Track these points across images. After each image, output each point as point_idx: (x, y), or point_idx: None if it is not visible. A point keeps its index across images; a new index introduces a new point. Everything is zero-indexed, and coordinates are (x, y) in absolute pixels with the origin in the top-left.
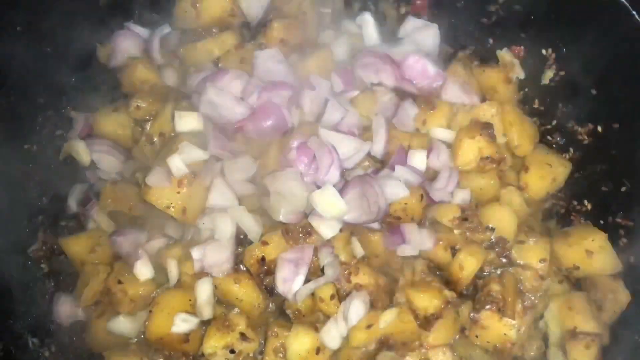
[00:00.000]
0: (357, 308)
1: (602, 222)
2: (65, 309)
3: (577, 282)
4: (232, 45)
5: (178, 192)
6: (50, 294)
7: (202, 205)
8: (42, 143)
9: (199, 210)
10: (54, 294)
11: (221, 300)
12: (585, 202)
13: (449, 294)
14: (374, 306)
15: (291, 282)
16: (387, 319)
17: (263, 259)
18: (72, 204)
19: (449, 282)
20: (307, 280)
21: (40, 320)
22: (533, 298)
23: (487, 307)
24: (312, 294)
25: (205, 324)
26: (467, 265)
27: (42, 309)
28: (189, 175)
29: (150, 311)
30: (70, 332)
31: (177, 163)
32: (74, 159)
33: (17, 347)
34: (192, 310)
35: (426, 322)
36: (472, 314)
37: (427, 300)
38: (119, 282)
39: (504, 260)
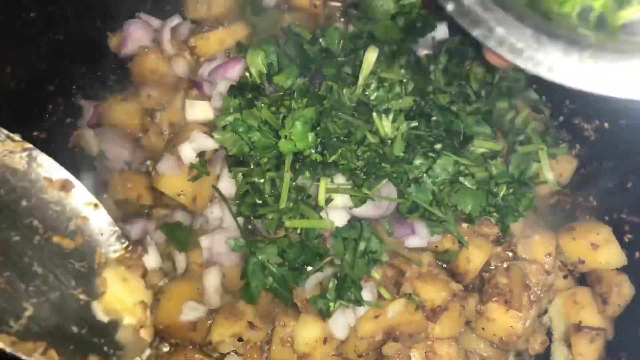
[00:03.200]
0: (364, 298)
1: (607, 217)
2: None
3: (581, 278)
4: (244, 35)
5: (189, 180)
6: None
7: (211, 193)
8: (51, 131)
9: (208, 199)
10: None
11: (229, 289)
12: (591, 198)
13: (455, 286)
14: (381, 297)
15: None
16: (395, 309)
17: None
18: None
19: (455, 275)
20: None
21: None
22: (539, 292)
23: (494, 299)
24: (320, 284)
25: (212, 312)
26: (474, 258)
27: None
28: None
29: (158, 299)
30: None
31: (188, 151)
32: (83, 148)
33: None
34: (200, 299)
35: (432, 314)
36: (478, 306)
37: (434, 292)
38: None
39: (510, 254)
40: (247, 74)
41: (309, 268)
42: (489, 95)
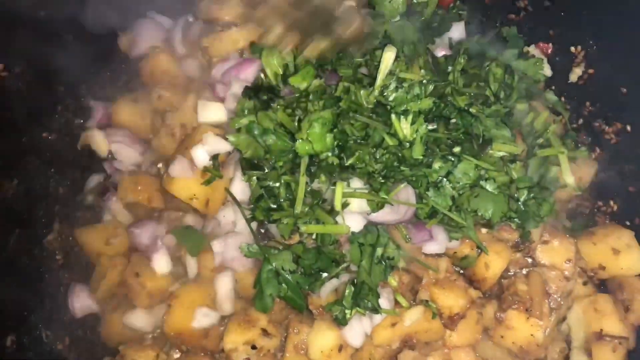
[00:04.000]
0: (381, 306)
1: (627, 222)
2: (80, 301)
3: (601, 285)
4: (257, 36)
5: (202, 184)
6: (65, 285)
7: (224, 197)
8: (60, 132)
9: (221, 203)
10: (69, 285)
11: (242, 295)
12: (611, 202)
13: (474, 293)
14: (397, 304)
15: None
16: (412, 317)
17: None
18: (89, 195)
19: (473, 281)
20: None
21: (55, 312)
22: (559, 299)
23: (514, 307)
24: (336, 290)
25: (224, 319)
26: (493, 264)
27: (57, 301)
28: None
29: (169, 305)
30: (84, 325)
31: (201, 154)
32: (92, 149)
33: (30, 340)
34: (212, 304)
35: (450, 321)
36: (497, 314)
37: (451, 299)
38: (137, 274)
39: (529, 260)
40: (262, 75)
41: (325, 274)
42: (508, 97)
